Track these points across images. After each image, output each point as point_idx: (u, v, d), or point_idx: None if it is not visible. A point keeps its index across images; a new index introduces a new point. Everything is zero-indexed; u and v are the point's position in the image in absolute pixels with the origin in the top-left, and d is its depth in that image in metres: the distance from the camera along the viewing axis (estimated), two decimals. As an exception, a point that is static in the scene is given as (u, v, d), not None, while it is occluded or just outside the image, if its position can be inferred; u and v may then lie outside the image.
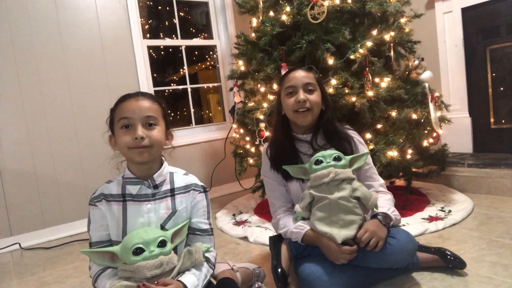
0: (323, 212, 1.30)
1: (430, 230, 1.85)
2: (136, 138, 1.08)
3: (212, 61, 3.65)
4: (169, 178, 1.20)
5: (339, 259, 1.26)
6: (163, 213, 1.15)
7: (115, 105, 1.15)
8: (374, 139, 2.02)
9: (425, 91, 2.13)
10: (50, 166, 2.59)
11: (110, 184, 1.18)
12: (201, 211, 1.21)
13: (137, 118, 1.10)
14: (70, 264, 2.04)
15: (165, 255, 1.07)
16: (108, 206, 1.15)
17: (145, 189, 1.16)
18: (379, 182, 1.49)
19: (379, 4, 2.13)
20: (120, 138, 1.11)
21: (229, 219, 2.43)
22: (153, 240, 1.06)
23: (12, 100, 2.48)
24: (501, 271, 1.37)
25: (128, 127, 1.10)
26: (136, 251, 1.04)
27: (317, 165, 1.35)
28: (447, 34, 2.94)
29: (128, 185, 1.16)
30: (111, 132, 1.17)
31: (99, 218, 1.15)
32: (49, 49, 2.59)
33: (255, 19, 2.44)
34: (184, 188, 1.20)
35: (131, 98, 1.13)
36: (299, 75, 1.44)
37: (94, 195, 1.17)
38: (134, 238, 1.06)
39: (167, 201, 1.16)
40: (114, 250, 1.08)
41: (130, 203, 1.15)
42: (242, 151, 2.57)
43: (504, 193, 2.29)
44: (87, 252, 1.09)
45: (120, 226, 1.13)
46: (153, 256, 1.04)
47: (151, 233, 1.08)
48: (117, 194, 1.16)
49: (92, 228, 1.16)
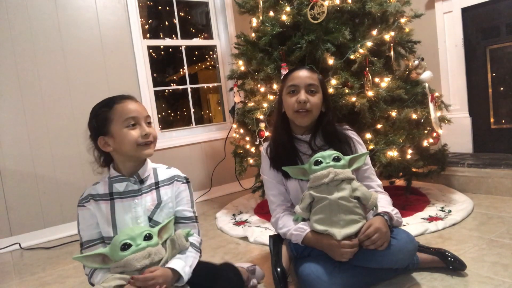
0: (324, 213, 1.30)
1: (430, 230, 1.85)
2: (146, 134, 1.18)
3: (212, 61, 3.65)
4: (152, 173, 1.27)
5: (343, 256, 1.25)
6: (149, 205, 1.22)
7: (108, 107, 1.19)
8: (374, 139, 2.02)
9: (425, 91, 2.14)
10: (50, 166, 2.59)
11: (96, 185, 1.24)
12: (185, 200, 1.28)
13: (142, 117, 1.20)
14: (70, 264, 2.04)
15: (152, 247, 1.12)
16: (97, 205, 1.20)
17: (131, 185, 1.22)
18: (377, 183, 1.49)
19: (379, 4, 2.12)
20: (127, 136, 1.17)
21: (229, 219, 2.43)
22: (138, 235, 1.12)
23: (12, 100, 2.48)
24: (501, 271, 1.37)
25: (134, 126, 1.18)
26: (124, 246, 1.10)
27: (316, 166, 1.35)
28: (447, 34, 2.94)
29: (115, 183, 1.22)
30: (96, 134, 1.20)
31: (88, 218, 1.20)
32: (49, 49, 2.59)
33: (255, 19, 2.44)
34: (168, 180, 1.27)
35: (128, 100, 1.21)
36: (302, 75, 1.44)
37: (81, 197, 1.23)
38: (120, 236, 1.12)
39: (152, 194, 1.24)
40: (104, 252, 1.13)
41: (117, 201, 1.21)
42: (242, 151, 2.57)
43: (504, 193, 2.29)
44: (79, 258, 1.13)
45: (109, 222, 1.18)
46: (140, 248, 1.10)
47: (136, 229, 1.14)
48: (105, 194, 1.22)
49: (82, 228, 1.21)
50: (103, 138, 1.19)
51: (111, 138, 1.18)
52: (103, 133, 1.19)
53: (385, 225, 1.27)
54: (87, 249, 1.19)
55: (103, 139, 1.19)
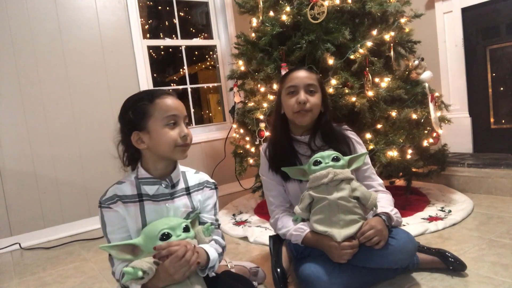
0: (323, 213, 1.29)
1: (430, 230, 1.85)
2: (184, 136, 1.10)
3: (212, 61, 3.65)
4: (182, 177, 1.21)
5: (342, 257, 1.25)
6: (183, 211, 1.16)
7: (149, 101, 1.10)
8: (374, 139, 2.02)
9: (425, 91, 2.13)
10: (50, 166, 2.59)
11: (122, 185, 1.14)
12: (210, 207, 1.23)
13: (182, 117, 1.12)
14: (70, 264, 2.04)
15: (191, 239, 1.08)
16: (126, 208, 1.11)
17: (162, 189, 1.14)
18: (378, 182, 1.49)
19: (379, 4, 2.12)
20: (166, 135, 1.08)
21: (229, 219, 2.43)
22: (177, 226, 1.07)
23: (12, 100, 2.48)
24: (501, 271, 1.37)
25: (174, 124, 1.10)
26: (163, 237, 1.04)
27: (315, 166, 1.35)
28: (447, 34, 2.94)
29: (145, 186, 1.13)
30: (130, 128, 1.10)
31: (117, 220, 1.10)
32: (49, 49, 2.59)
33: (255, 19, 2.44)
34: (198, 185, 1.22)
35: (170, 96, 1.12)
36: (301, 75, 1.43)
37: (106, 197, 1.11)
38: (159, 225, 1.06)
39: (184, 199, 1.17)
40: (136, 242, 1.05)
41: (148, 203, 1.12)
42: (242, 151, 2.57)
43: (504, 193, 2.29)
44: (106, 247, 1.04)
45: (139, 226, 1.10)
46: (181, 240, 1.05)
47: (173, 219, 1.09)
48: (132, 195, 1.12)
49: (110, 231, 1.11)
50: (137, 134, 1.09)
51: (147, 135, 1.09)
52: (139, 128, 1.09)
53: (381, 224, 1.27)
54: None
55: (138, 134, 1.09)
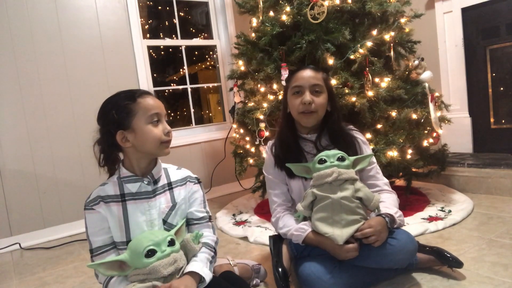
0: (325, 212, 1.30)
1: (430, 230, 1.85)
2: (168, 132, 1.15)
3: (212, 61, 3.65)
4: (164, 173, 1.23)
5: (346, 257, 1.27)
6: (164, 207, 1.17)
7: (132, 100, 1.12)
8: (374, 139, 2.02)
9: (425, 91, 2.13)
10: (50, 166, 2.59)
11: (105, 186, 1.16)
12: (198, 201, 1.26)
13: (163, 115, 1.16)
14: (70, 264, 2.04)
15: (176, 252, 1.09)
16: (108, 208, 1.12)
17: (145, 186, 1.16)
18: (383, 181, 1.49)
19: (379, 4, 2.12)
20: (151, 133, 1.12)
21: (229, 219, 2.43)
22: (162, 240, 1.07)
23: (12, 100, 2.48)
24: (501, 271, 1.37)
25: (157, 122, 1.14)
26: (149, 253, 1.04)
27: (320, 164, 1.35)
28: (447, 34, 2.94)
29: (127, 184, 1.15)
30: (115, 128, 1.11)
31: (99, 222, 1.12)
32: (49, 49, 2.59)
33: (255, 19, 2.43)
34: (181, 181, 1.24)
35: (150, 95, 1.16)
36: (306, 75, 1.43)
37: (89, 199, 1.14)
38: (143, 242, 1.05)
39: (166, 195, 1.19)
40: (123, 258, 1.06)
41: (130, 202, 1.14)
42: (242, 151, 2.57)
43: (504, 193, 2.29)
44: (93, 265, 1.05)
45: (122, 226, 1.12)
46: (166, 255, 1.05)
47: (158, 234, 1.09)
48: (115, 195, 1.14)
49: (92, 233, 1.12)
50: (122, 133, 1.11)
51: (132, 133, 1.11)
52: (124, 127, 1.11)
53: (381, 225, 1.27)
54: (99, 255, 1.11)
55: (123, 133, 1.11)
